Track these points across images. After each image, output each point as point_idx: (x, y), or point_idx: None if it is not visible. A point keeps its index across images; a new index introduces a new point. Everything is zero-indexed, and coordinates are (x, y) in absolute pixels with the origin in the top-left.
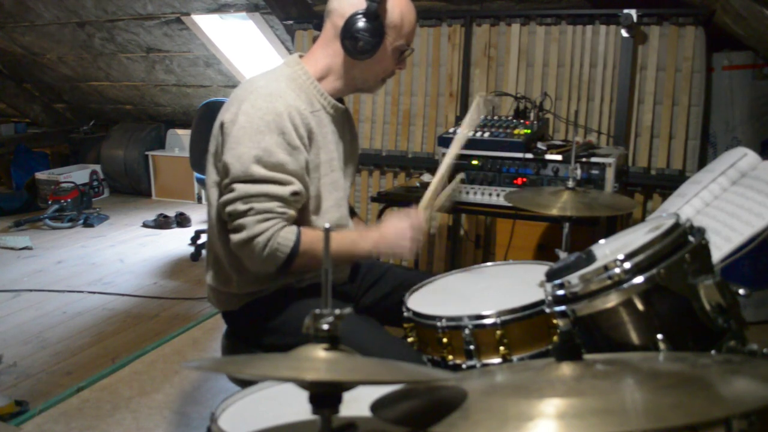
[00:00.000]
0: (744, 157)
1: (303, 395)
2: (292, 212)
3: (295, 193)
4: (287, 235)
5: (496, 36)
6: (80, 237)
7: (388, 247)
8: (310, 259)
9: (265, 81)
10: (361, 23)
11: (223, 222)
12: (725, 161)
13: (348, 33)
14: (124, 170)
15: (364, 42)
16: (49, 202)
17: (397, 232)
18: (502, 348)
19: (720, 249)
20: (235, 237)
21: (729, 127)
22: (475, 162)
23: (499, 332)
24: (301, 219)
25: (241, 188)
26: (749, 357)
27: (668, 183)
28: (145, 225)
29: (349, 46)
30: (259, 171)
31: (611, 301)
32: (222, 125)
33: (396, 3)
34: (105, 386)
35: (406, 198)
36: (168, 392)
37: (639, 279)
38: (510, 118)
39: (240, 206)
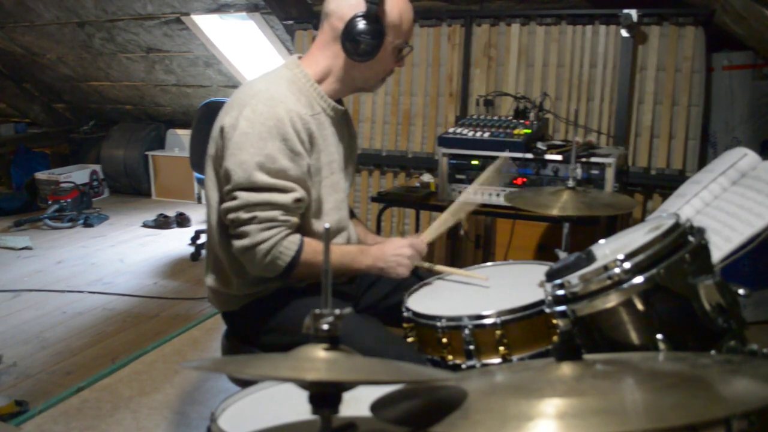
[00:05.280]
0: (744, 157)
1: (303, 395)
2: (295, 219)
3: (297, 200)
4: (290, 245)
5: (496, 36)
6: (80, 237)
7: (385, 267)
8: (309, 269)
9: (265, 84)
10: (362, 25)
11: (224, 224)
12: (725, 161)
13: (349, 35)
14: (124, 170)
15: (365, 44)
16: (49, 202)
17: (397, 255)
18: (502, 348)
19: (720, 249)
20: (238, 243)
21: (729, 127)
22: (475, 162)
23: (499, 332)
24: (302, 222)
25: (243, 196)
26: (749, 357)
27: (668, 183)
28: (145, 225)
29: (351, 48)
30: (262, 178)
31: (611, 301)
32: (222, 129)
33: (394, 2)
34: (105, 386)
35: (406, 198)
36: (168, 392)
37: (639, 279)
38: (510, 118)
39: (243, 215)
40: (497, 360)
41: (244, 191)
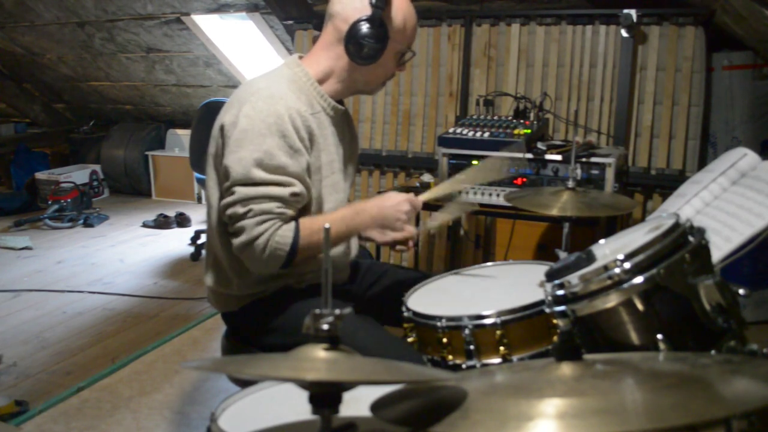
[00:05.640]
0: (744, 157)
1: (303, 395)
2: (290, 212)
3: (295, 194)
4: (285, 233)
5: (496, 36)
6: (80, 237)
7: (385, 221)
8: (311, 251)
9: (265, 83)
10: (366, 29)
11: (224, 224)
12: (725, 161)
13: (352, 39)
14: (124, 170)
15: (368, 48)
16: (49, 202)
17: (397, 209)
18: (502, 348)
19: (720, 249)
20: (236, 240)
21: (729, 127)
22: (475, 162)
23: (499, 332)
24: None
25: (241, 191)
26: (749, 357)
27: (668, 183)
28: (145, 225)
29: (353, 51)
30: (260, 174)
31: (611, 301)
32: (222, 127)
33: (399, 8)
34: (105, 386)
35: None
36: (168, 392)
37: (639, 279)
38: (510, 118)
39: (239, 209)
40: (497, 360)
41: (242, 186)
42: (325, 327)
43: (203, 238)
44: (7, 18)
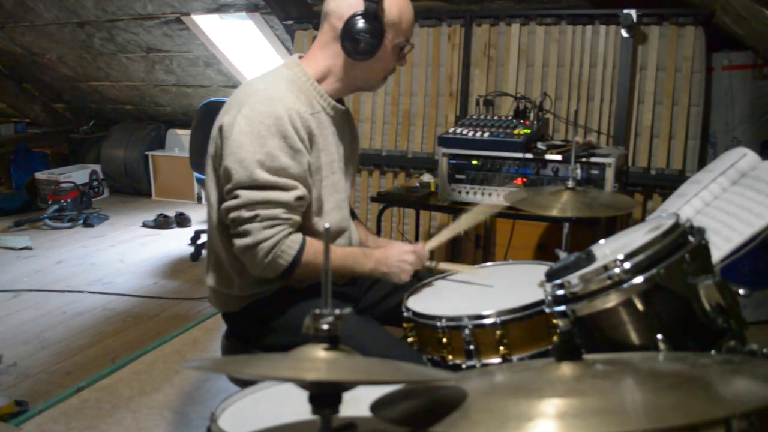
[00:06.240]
0: (744, 157)
1: (303, 395)
2: (296, 218)
3: (299, 198)
4: (292, 244)
5: (496, 36)
6: (80, 237)
7: (388, 271)
8: (310, 270)
9: (264, 83)
10: (360, 24)
11: (225, 224)
12: (725, 161)
13: (348, 35)
14: (124, 170)
15: (364, 43)
16: (49, 202)
17: (401, 261)
18: (502, 348)
19: (720, 249)
20: (239, 242)
21: (729, 127)
22: (475, 162)
23: (499, 332)
24: (303, 222)
25: (245, 195)
26: (749, 357)
27: (668, 183)
28: (145, 225)
29: (350, 47)
30: (263, 176)
31: (611, 301)
32: (221, 129)
33: (393, 1)
34: (105, 386)
35: (406, 198)
36: (168, 392)
37: (639, 279)
38: (510, 118)
39: (245, 213)
40: (497, 360)
41: (246, 189)
42: (325, 327)
43: (203, 238)
44: (7, 18)
